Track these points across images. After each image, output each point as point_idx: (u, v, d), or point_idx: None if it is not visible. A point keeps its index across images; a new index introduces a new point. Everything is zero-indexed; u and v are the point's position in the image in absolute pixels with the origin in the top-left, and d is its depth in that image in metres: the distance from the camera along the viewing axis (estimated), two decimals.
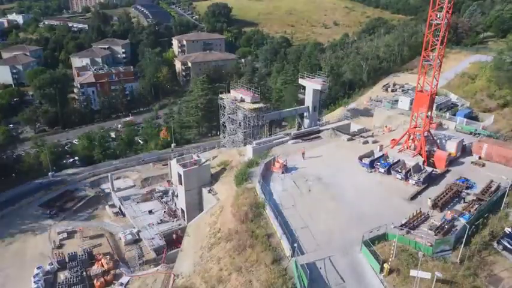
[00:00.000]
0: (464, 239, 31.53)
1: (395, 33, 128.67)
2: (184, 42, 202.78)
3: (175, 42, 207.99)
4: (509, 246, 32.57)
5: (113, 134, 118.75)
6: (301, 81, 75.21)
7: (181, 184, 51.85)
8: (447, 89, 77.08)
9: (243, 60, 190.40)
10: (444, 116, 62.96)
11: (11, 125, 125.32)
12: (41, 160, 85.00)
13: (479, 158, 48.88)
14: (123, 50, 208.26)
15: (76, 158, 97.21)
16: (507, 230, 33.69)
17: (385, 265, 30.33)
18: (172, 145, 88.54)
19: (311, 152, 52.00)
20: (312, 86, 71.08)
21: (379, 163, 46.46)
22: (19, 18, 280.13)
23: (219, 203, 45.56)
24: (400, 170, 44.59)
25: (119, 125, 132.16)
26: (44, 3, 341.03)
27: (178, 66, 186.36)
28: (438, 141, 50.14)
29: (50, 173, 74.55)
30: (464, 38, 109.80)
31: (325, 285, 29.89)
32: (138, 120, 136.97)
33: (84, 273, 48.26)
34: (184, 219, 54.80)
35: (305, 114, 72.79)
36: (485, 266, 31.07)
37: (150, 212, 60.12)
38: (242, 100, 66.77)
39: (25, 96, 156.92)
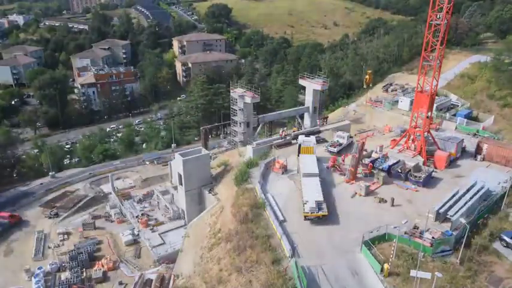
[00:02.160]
0: (464, 240, 31.54)
1: (395, 33, 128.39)
2: (185, 43, 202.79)
3: (175, 42, 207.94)
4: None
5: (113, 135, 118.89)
6: (301, 82, 75.10)
7: (181, 184, 51.84)
8: (447, 89, 77.04)
9: (243, 60, 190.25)
10: (444, 116, 62.94)
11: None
12: (41, 161, 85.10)
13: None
14: (124, 51, 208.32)
15: (77, 158, 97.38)
16: None
17: (385, 265, 30.35)
18: (173, 145, 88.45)
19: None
20: (312, 86, 71.01)
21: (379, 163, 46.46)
22: (19, 19, 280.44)
23: (219, 203, 45.57)
24: (400, 171, 44.58)
25: (119, 126, 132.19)
26: (45, 4, 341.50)
27: (178, 66, 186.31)
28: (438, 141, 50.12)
29: (50, 174, 74.62)
30: (464, 39, 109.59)
31: (325, 286, 29.87)
32: (138, 121, 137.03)
33: (85, 273, 48.29)
34: (184, 220, 54.82)
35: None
36: (485, 267, 31.10)
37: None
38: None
39: (25, 97, 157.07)
